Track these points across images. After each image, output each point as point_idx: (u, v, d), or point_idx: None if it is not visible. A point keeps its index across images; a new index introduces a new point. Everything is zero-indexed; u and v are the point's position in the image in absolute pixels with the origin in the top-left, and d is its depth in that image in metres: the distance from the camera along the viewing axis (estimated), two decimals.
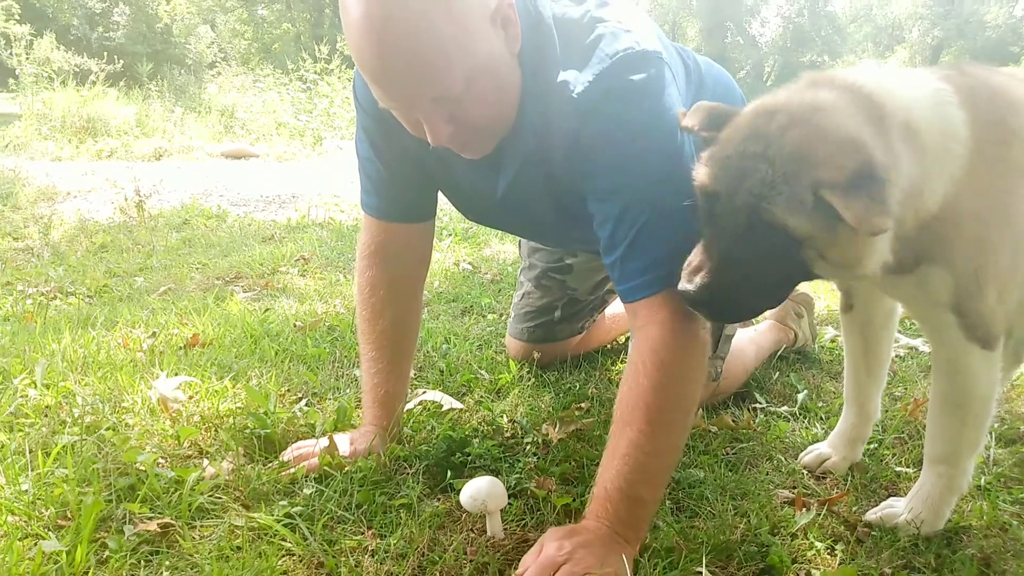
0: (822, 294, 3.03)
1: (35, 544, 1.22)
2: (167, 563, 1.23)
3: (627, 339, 2.41)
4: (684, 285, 1.17)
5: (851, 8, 52.98)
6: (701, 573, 1.23)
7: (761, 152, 1.08)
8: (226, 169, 8.82)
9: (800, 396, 2.02)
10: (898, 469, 1.66)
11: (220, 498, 1.42)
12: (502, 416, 1.83)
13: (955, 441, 1.37)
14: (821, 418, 1.92)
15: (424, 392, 1.92)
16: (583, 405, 1.93)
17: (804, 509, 1.47)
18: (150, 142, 10.68)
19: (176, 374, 1.95)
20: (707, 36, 48.16)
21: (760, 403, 2.00)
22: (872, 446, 1.73)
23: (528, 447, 1.69)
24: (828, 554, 1.34)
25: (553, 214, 1.54)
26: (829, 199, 1.01)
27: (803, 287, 2.38)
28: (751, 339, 2.20)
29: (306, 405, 1.87)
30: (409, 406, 1.84)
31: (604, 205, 1.36)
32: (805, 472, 1.66)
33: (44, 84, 11.90)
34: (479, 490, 1.31)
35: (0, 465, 1.44)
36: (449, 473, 1.54)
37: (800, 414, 1.95)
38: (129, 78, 15.21)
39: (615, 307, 2.36)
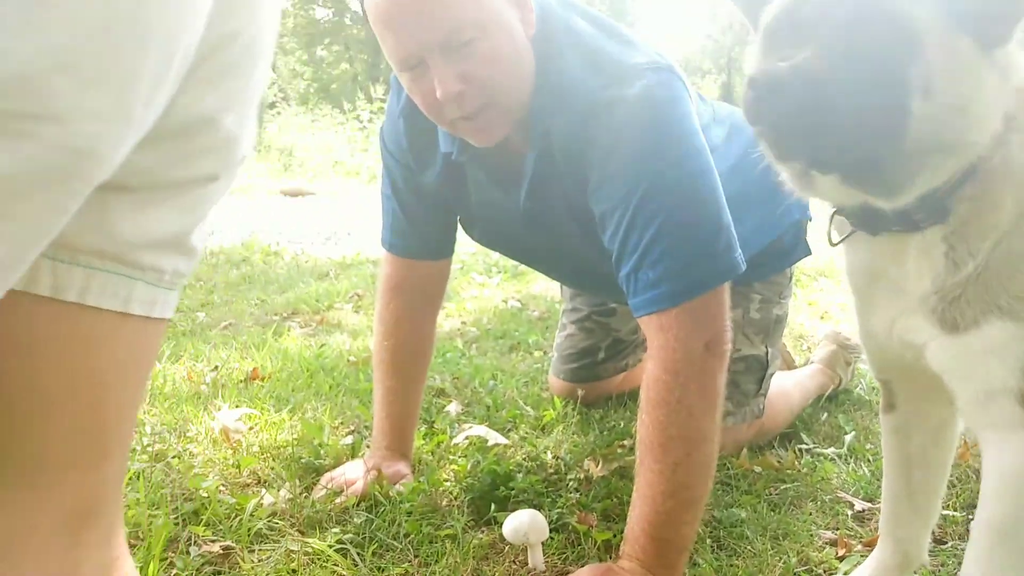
0: None
1: None
2: None
3: None
4: (765, 68, 0.89)
5: None
6: None
7: None
8: (284, 206, 9.12)
9: (848, 438, 2.00)
10: (945, 513, 1.64)
11: (277, 524, 1.50)
12: (546, 452, 1.88)
13: None
14: (868, 460, 1.91)
15: (471, 427, 1.99)
16: (626, 443, 1.96)
17: (846, 550, 1.48)
18: None
19: (237, 406, 2.06)
20: None
21: (806, 444, 2.00)
22: None
23: (571, 483, 1.73)
24: None
25: (577, 231, 1.49)
26: None
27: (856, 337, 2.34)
28: (797, 382, 2.20)
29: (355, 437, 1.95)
30: (455, 440, 1.91)
31: (615, 213, 1.30)
32: (849, 512, 1.65)
33: None
34: (521, 522, 1.36)
35: None
36: (493, 506, 1.59)
37: (848, 456, 1.94)
38: None
39: None
